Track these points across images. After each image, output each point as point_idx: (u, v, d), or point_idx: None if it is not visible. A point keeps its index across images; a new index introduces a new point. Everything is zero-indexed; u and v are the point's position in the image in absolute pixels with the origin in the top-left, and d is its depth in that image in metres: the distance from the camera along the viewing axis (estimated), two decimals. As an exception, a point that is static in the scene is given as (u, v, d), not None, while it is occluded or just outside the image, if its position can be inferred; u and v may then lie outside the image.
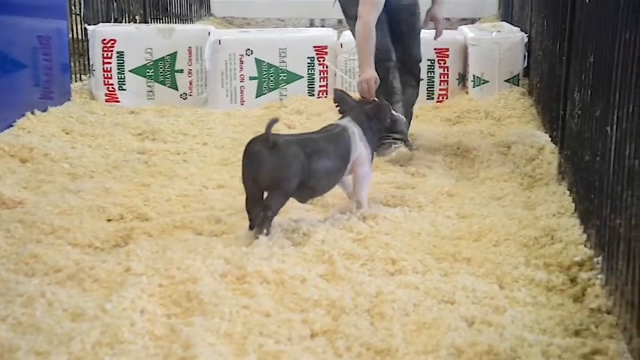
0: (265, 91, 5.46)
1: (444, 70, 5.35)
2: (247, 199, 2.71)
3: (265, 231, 2.62)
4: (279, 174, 2.64)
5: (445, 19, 9.26)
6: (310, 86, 5.50)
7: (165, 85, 5.52)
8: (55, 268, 2.37)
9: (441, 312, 2.09)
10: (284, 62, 5.48)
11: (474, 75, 5.22)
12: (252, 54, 5.42)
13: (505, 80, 5.20)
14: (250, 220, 2.70)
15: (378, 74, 3.44)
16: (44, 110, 4.55)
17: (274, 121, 2.65)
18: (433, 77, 5.34)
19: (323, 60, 5.47)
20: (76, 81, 5.57)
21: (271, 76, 5.47)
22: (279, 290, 2.24)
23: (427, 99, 5.33)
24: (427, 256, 2.54)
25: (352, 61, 5.40)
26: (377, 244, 2.62)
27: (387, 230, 2.79)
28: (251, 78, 5.45)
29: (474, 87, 5.23)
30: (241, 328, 1.97)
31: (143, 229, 2.70)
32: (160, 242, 2.57)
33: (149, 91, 5.47)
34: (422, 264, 2.46)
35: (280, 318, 2.03)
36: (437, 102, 5.31)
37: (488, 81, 5.20)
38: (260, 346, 1.88)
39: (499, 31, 5.37)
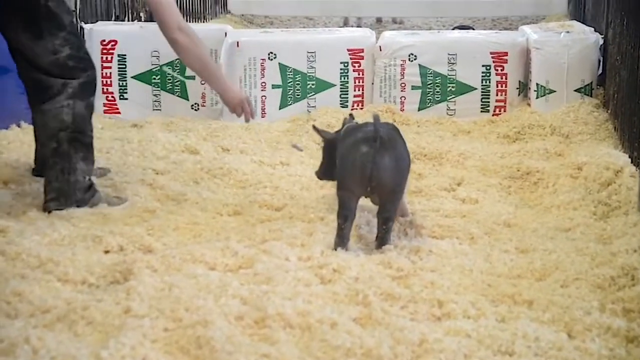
0: (290, 101, 5.50)
1: (501, 78, 5.34)
2: (344, 207, 2.90)
3: (390, 245, 2.91)
4: (399, 177, 2.92)
5: (504, 17, 9.31)
6: (343, 96, 5.53)
7: (173, 94, 5.58)
8: (43, 308, 2.39)
9: (498, 366, 2.07)
10: (312, 67, 5.52)
11: (537, 84, 5.20)
12: (275, 58, 5.47)
13: (575, 90, 5.17)
14: (342, 231, 2.90)
15: None
16: (32, 123, 4.62)
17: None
18: (489, 86, 5.34)
19: (359, 66, 5.49)
20: (70, 89, 5.65)
21: (297, 84, 5.50)
22: (305, 337, 2.24)
23: (482, 111, 5.32)
24: (480, 298, 2.52)
25: (392, 67, 5.42)
26: (420, 283, 2.61)
27: (432, 266, 2.78)
28: (274, 86, 5.49)
29: (537, 97, 5.21)
30: (259, 381, 1.97)
31: (146, 262, 2.71)
32: (166, 278, 2.58)
33: (154, 101, 5.53)
34: (475, 307, 2.44)
35: (306, 370, 2.03)
36: (494, 115, 5.30)
37: (555, 91, 5.17)
38: (282, 403, 1.88)
39: (568, 32, 5.35)
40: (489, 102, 5.34)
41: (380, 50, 5.48)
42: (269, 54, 5.46)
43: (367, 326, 2.32)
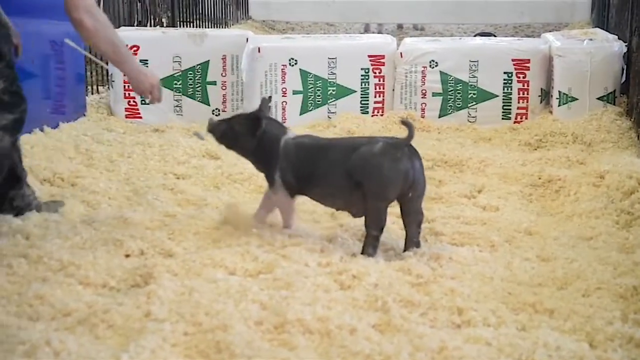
0: (310, 107, 5.52)
1: (523, 85, 5.32)
2: (384, 218, 2.97)
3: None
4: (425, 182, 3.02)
5: (526, 25, 9.26)
6: (363, 102, 5.53)
7: (195, 99, 5.61)
8: (64, 311, 2.41)
9: (518, 375, 2.06)
10: (333, 74, 5.53)
11: (559, 92, 5.18)
12: (296, 64, 5.49)
13: (598, 98, 5.14)
14: (377, 242, 2.98)
15: None
16: (55, 127, 4.68)
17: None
18: (510, 93, 5.32)
19: (380, 73, 5.49)
20: (92, 94, 5.70)
21: (318, 90, 5.51)
22: (324, 342, 2.24)
23: (503, 118, 5.31)
24: (500, 306, 2.51)
25: (413, 74, 5.42)
26: (440, 290, 2.60)
27: (452, 273, 2.78)
28: (295, 92, 5.51)
29: (559, 105, 5.18)
30: (278, 386, 1.97)
31: (167, 266, 2.73)
32: (186, 282, 2.59)
33: (176, 106, 5.57)
34: (495, 315, 2.43)
35: (325, 375, 2.03)
36: (515, 122, 5.28)
37: (577, 99, 5.14)
38: (301, 409, 1.88)
39: (591, 39, 5.32)
40: (510, 109, 5.32)
41: (401, 56, 5.49)
42: (290, 60, 5.48)
43: (386, 332, 2.32)
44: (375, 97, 5.53)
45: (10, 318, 2.33)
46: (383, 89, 5.52)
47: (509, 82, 5.33)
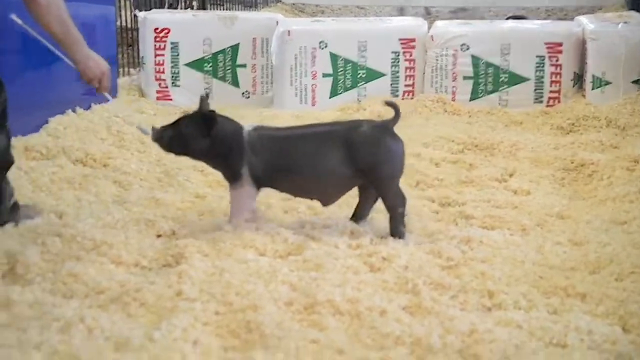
0: (340, 91, 5.51)
1: (556, 69, 5.28)
2: (403, 194, 2.96)
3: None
4: None
5: (559, 8, 9.20)
6: (394, 85, 5.52)
7: (225, 81, 5.64)
8: (97, 289, 2.43)
9: (549, 358, 2.05)
10: (363, 57, 5.52)
11: (593, 76, 5.13)
12: (326, 47, 5.48)
13: (633, 82, 5.09)
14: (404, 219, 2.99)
15: None
16: (87, 108, 4.71)
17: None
18: (542, 77, 5.28)
19: (410, 56, 5.47)
20: (123, 76, 5.74)
21: (348, 73, 5.51)
22: (354, 323, 2.24)
23: (535, 102, 5.28)
24: (532, 289, 2.50)
25: (444, 57, 5.39)
26: (471, 273, 2.59)
27: (483, 256, 2.77)
28: (325, 75, 5.51)
29: (592, 89, 5.14)
30: (309, 366, 1.98)
31: (197, 247, 2.74)
32: (216, 262, 2.60)
33: (206, 88, 5.60)
34: (526, 298, 2.42)
35: (355, 356, 2.03)
36: (547, 106, 5.25)
37: (611, 82, 5.09)
38: (331, 388, 1.89)
39: (625, 22, 5.25)
40: (542, 93, 5.28)
41: (432, 39, 5.47)
42: (320, 43, 5.48)
43: (416, 315, 2.32)
44: (405, 80, 5.52)
45: (45, 295, 2.36)
46: (413, 72, 5.51)
47: (541, 65, 5.28)
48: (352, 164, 2.91)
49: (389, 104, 3.04)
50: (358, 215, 3.09)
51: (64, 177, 3.62)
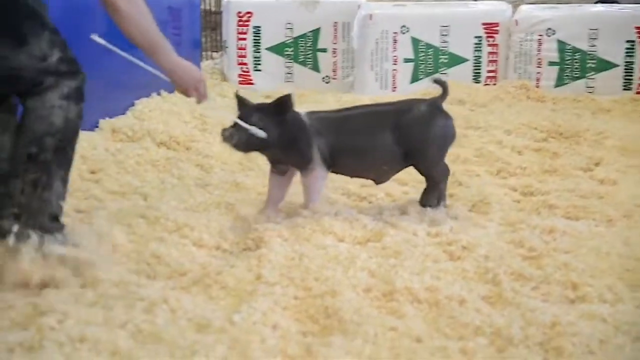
0: (421, 76, 5.47)
1: (646, 54, 5.12)
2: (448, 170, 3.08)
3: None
4: None
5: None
6: (476, 71, 5.45)
7: (305, 66, 5.65)
8: (180, 271, 2.48)
9: (636, 354, 2.00)
10: (445, 42, 5.46)
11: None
12: (407, 31, 5.44)
13: None
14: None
15: None
16: (172, 91, 4.78)
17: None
18: (632, 63, 5.14)
19: (493, 41, 5.38)
20: (206, 59, 5.82)
21: (429, 58, 5.46)
22: (433, 312, 2.23)
23: (624, 89, 5.13)
24: (617, 282, 2.43)
25: (529, 42, 5.28)
26: (554, 264, 2.54)
27: (567, 247, 2.71)
28: (406, 60, 5.48)
29: (684, 75, 4.97)
30: (387, 353, 1.98)
31: (277, 231, 2.76)
32: (296, 247, 2.62)
33: (287, 73, 5.63)
34: (612, 291, 2.36)
35: (434, 345, 2.02)
36: (637, 93, 5.11)
37: None
38: (409, 376, 1.89)
39: None
40: (632, 79, 5.13)
41: (517, 24, 5.37)
42: (401, 28, 5.44)
43: (496, 305, 2.29)
44: (488, 65, 5.44)
45: (130, 275, 2.42)
46: (496, 57, 5.43)
47: (632, 51, 5.14)
48: (403, 142, 2.95)
49: (437, 81, 3.06)
50: (423, 201, 3.09)
51: (149, 159, 3.70)
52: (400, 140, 2.95)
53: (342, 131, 2.97)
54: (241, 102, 2.95)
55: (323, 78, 5.66)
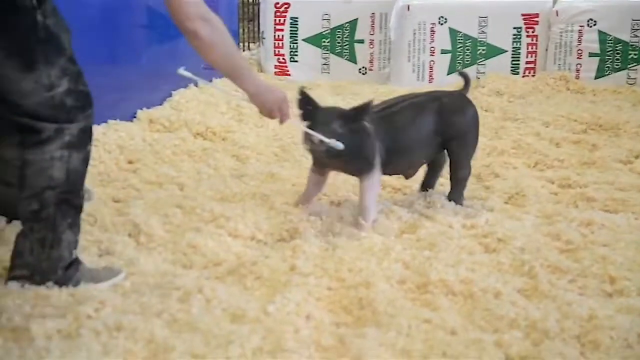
0: (459, 67, 5.43)
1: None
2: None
3: None
4: None
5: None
6: (514, 62, 5.40)
7: (342, 57, 5.64)
8: (215, 261, 2.49)
9: (674, 348, 1.97)
10: (483, 33, 5.41)
11: None
12: (445, 22, 5.40)
13: None
14: None
15: None
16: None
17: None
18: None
19: (533, 32, 5.32)
20: (244, 50, 5.85)
21: (467, 49, 5.42)
22: (467, 304, 2.22)
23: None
24: (656, 276, 2.40)
25: (569, 33, 5.22)
26: (591, 257, 2.51)
27: (604, 240, 2.68)
28: (443, 51, 5.44)
29: None
30: (421, 345, 1.97)
31: (311, 222, 2.77)
32: (330, 238, 2.63)
33: (323, 64, 5.62)
34: (650, 285, 2.33)
35: (468, 337, 2.01)
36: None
37: None
38: (443, 369, 1.88)
39: None
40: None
41: (557, 15, 5.30)
42: (439, 18, 5.40)
43: (532, 298, 2.27)
44: (527, 57, 5.39)
45: (166, 265, 2.44)
46: (536, 48, 5.37)
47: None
48: (444, 131, 2.93)
49: (461, 74, 3.12)
50: (427, 185, 3.12)
51: (185, 150, 3.73)
52: (440, 130, 2.93)
53: (392, 130, 2.85)
54: (307, 100, 2.78)
55: (360, 69, 5.65)
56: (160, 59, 4.42)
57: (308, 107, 2.76)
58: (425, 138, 2.92)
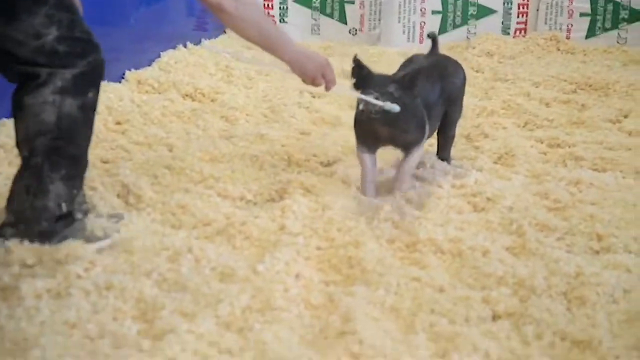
0: (449, 28, 5.40)
1: (680, 4, 5.01)
2: None
3: None
4: None
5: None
6: (505, 23, 5.38)
7: (332, 18, 5.60)
8: (204, 221, 2.49)
9: (660, 303, 1.99)
10: (474, -8, 5.37)
11: None
12: (436, -18, 5.35)
13: None
14: None
15: None
16: (197, 43, 4.78)
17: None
18: (665, 13, 5.02)
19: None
20: (233, 12, 5.77)
21: (458, 10, 5.38)
22: (456, 263, 2.24)
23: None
24: (643, 234, 2.42)
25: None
26: (579, 215, 2.53)
27: (592, 199, 2.69)
28: (434, 12, 5.40)
29: None
30: (410, 303, 1.99)
31: (300, 182, 2.77)
32: (319, 198, 2.63)
33: (313, 25, 5.58)
34: (637, 242, 2.34)
35: (457, 295, 2.03)
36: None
37: None
38: (432, 325, 1.89)
39: None
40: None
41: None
42: (430, -22, 5.35)
43: (520, 256, 2.28)
44: (517, 17, 5.35)
45: (155, 225, 2.44)
46: (526, 9, 5.34)
47: (665, 1, 5.02)
48: (445, 95, 2.87)
49: (429, 35, 3.17)
50: (444, 155, 3.07)
51: (174, 111, 3.71)
52: (444, 95, 2.86)
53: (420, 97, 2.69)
54: (360, 67, 2.65)
55: (350, 30, 5.60)
56: (148, 20, 4.38)
57: (362, 73, 2.64)
58: (438, 102, 2.84)
